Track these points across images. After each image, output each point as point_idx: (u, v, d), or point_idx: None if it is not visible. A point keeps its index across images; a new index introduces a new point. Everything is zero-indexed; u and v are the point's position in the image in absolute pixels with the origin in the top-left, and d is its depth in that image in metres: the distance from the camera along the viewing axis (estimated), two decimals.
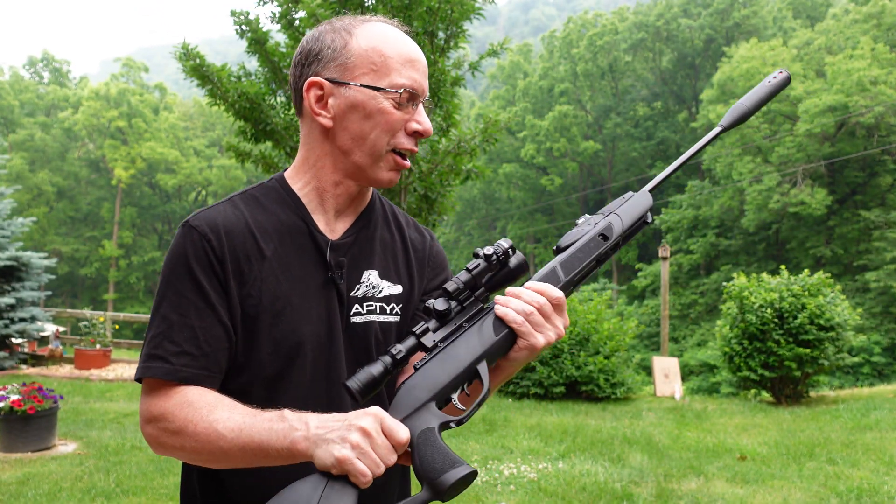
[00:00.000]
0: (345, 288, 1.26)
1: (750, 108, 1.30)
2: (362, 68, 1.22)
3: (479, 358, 1.11)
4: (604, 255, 1.20)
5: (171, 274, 1.19)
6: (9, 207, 11.85)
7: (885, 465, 5.61)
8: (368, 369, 1.06)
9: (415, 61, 1.23)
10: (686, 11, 44.48)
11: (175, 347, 1.15)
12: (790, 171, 31.82)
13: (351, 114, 1.23)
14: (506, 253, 1.14)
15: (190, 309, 1.16)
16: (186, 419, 1.10)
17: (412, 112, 1.23)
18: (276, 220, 1.25)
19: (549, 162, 46.10)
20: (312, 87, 1.24)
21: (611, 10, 55.56)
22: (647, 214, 1.25)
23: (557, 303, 1.14)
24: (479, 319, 1.14)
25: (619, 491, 4.93)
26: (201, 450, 1.10)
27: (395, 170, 1.25)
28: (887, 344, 26.11)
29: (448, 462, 1.01)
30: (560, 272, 1.17)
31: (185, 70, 8.61)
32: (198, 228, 1.19)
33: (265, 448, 1.05)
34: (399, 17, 8.41)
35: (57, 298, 43.84)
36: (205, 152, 49.59)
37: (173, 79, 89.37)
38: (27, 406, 5.88)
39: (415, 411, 1.06)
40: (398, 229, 1.39)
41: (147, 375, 1.15)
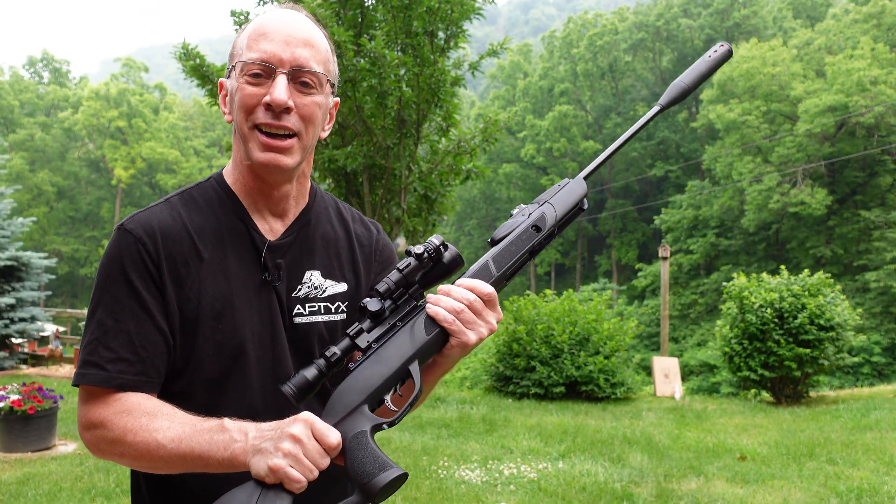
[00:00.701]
0: (284, 289, 1.24)
1: (689, 84, 1.27)
2: (234, 57, 1.21)
3: (410, 358, 1.10)
4: (537, 247, 1.18)
5: (107, 279, 1.15)
6: (9, 207, 11.86)
7: (885, 465, 5.61)
8: (303, 373, 1.06)
9: (269, 33, 1.17)
10: (686, 11, 44.49)
11: (111, 354, 1.12)
12: (790, 171, 31.83)
13: (231, 103, 1.22)
14: (437, 250, 1.12)
15: (125, 314, 1.13)
16: (125, 428, 1.09)
17: (270, 86, 1.15)
18: (215, 221, 1.23)
19: (549, 162, 46.11)
20: (221, 89, 1.26)
21: (611, 10, 55.57)
22: (582, 202, 1.23)
23: (488, 298, 1.12)
24: (412, 319, 1.13)
25: (619, 491, 4.93)
26: (141, 458, 1.09)
27: (266, 149, 1.16)
28: (887, 344, 26.12)
29: (378, 465, 1.02)
30: (492, 266, 1.16)
31: (185, 70, 8.62)
32: (132, 232, 1.16)
33: (205, 458, 1.04)
34: (399, 18, 8.41)
35: (57, 298, 43.85)
36: (205, 152, 49.60)
37: (173, 79, 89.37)
38: (27, 406, 5.88)
39: (347, 415, 1.06)
40: (342, 225, 1.36)
41: (83, 382, 1.13)
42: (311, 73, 1.18)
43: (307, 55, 1.17)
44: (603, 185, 46.98)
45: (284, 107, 1.14)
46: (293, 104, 1.16)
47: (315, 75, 1.18)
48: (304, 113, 1.18)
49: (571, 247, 48.25)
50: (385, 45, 7.89)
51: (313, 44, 1.20)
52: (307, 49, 1.18)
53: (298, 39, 1.17)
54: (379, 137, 8.70)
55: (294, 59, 1.16)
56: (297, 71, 1.16)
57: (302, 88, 1.18)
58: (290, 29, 1.18)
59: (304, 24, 1.21)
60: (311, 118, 1.19)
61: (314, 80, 1.19)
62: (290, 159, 1.18)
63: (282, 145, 1.17)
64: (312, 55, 1.19)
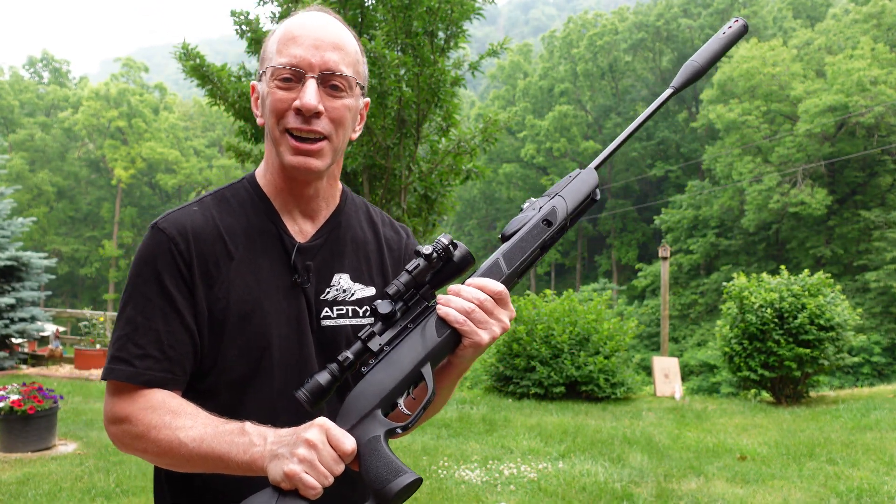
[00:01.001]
0: (312, 291, 1.24)
1: (703, 64, 1.24)
2: (265, 61, 1.22)
3: (422, 361, 1.09)
4: (549, 241, 1.16)
5: (138, 276, 1.17)
6: (9, 207, 11.86)
7: (885, 465, 5.61)
8: (316, 378, 1.06)
9: (298, 37, 1.17)
10: (686, 11, 44.50)
11: (138, 350, 1.14)
12: (790, 171, 31.83)
13: (262, 106, 1.23)
14: (446, 249, 1.10)
15: (155, 312, 1.15)
16: (149, 425, 1.10)
17: (300, 90, 1.16)
18: (246, 222, 1.24)
19: (549, 162, 46.12)
20: (253, 91, 1.27)
21: (611, 10, 55.57)
22: (594, 192, 1.20)
23: (499, 297, 1.11)
24: (423, 320, 1.11)
25: (619, 491, 4.93)
26: (163, 454, 1.10)
27: (296, 153, 1.18)
28: (887, 344, 26.12)
29: (392, 471, 1.01)
30: (503, 264, 1.14)
31: (185, 70, 8.61)
32: (165, 231, 1.18)
33: (225, 460, 1.05)
34: (399, 18, 8.41)
35: (57, 298, 43.85)
36: (205, 152, 49.61)
37: (173, 79, 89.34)
38: (27, 406, 5.88)
39: (361, 420, 1.06)
40: (372, 228, 1.37)
41: (111, 377, 1.16)
42: (341, 76, 1.18)
43: (336, 58, 1.18)
44: (603, 185, 46.84)
45: (315, 111, 1.16)
46: (323, 108, 1.17)
47: (345, 78, 1.19)
48: (333, 116, 1.19)
49: (571, 247, 48.24)
50: (385, 45, 7.88)
51: (342, 47, 1.20)
52: (336, 52, 1.18)
53: (327, 43, 1.18)
54: (379, 137, 8.70)
55: (323, 62, 1.17)
56: (326, 75, 1.17)
57: (332, 92, 1.19)
58: (319, 32, 1.18)
59: (333, 27, 1.22)
60: (341, 121, 1.20)
61: (344, 84, 1.19)
62: (320, 162, 1.20)
63: (312, 149, 1.18)
64: (342, 58, 1.19)
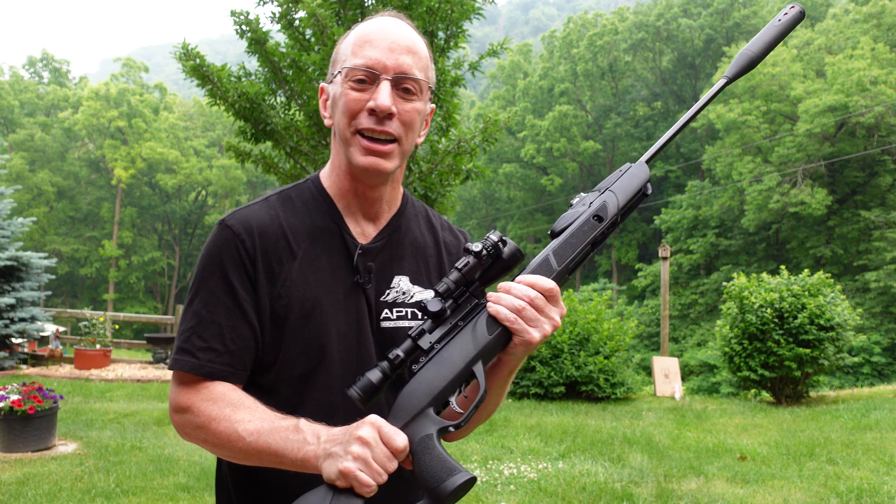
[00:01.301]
0: (373, 292, 1.26)
1: (758, 52, 1.20)
2: (338, 63, 1.25)
3: (473, 359, 1.08)
4: (600, 238, 1.15)
5: (205, 271, 1.22)
6: (9, 207, 11.85)
7: (885, 465, 5.61)
8: (367, 376, 1.06)
9: (374, 40, 1.20)
10: (686, 11, 44.49)
11: (202, 343, 1.18)
12: (790, 171, 31.82)
13: (333, 108, 1.25)
14: (495, 246, 1.10)
15: (219, 307, 1.19)
16: (210, 416, 1.14)
17: (374, 91, 1.19)
18: (309, 222, 1.26)
19: (549, 162, 46.11)
20: (322, 94, 1.30)
21: (611, 10, 55.57)
22: (646, 186, 1.18)
23: (550, 294, 1.10)
24: (474, 318, 1.11)
25: (619, 491, 4.93)
26: (221, 446, 1.14)
27: (367, 153, 1.20)
28: (887, 344, 26.11)
29: (447, 469, 1.01)
30: (553, 260, 1.13)
31: (185, 70, 8.61)
32: (233, 228, 1.21)
33: (279, 455, 1.08)
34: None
35: (57, 298, 43.85)
36: (205, 152, 49.59)
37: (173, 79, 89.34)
38: (27, 406, 5.88)
39: (413, 418, 1.05)
40: (431, 232, 1.39)
41: (175, 368, 1.20)
42: (414, 79, 1.21)
43: (410, 62, 1.21)
44: None
45: (388, 112, 1.18)
46: (396, 110, 1.19)
47: (417, 82, 1.22)
48: (404, 119, 1.21)
49: None
50: None
51: (415, 51, 1.23)
52: (410, 56, 1.21)
53: (402, 46, 1.21)
54: None
55: (398, 65, 1.19)
56: (400, 77, 1.20)
57: (404, 94, 1.21)
58: (393, 36, 1.21)
59: (406, 31, 1.24)
60: (412, 124, 1.23)
61: (415, 87, 1.22)
62: (389, 164, 1.22)
63: (383, 150, 1.20)
64: (415, 62, 1.22)
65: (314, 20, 8.10)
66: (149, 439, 6.51)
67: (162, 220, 50.56)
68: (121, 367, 11.47)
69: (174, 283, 48.39)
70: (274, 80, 9.09)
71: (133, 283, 45.52)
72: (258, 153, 9.51)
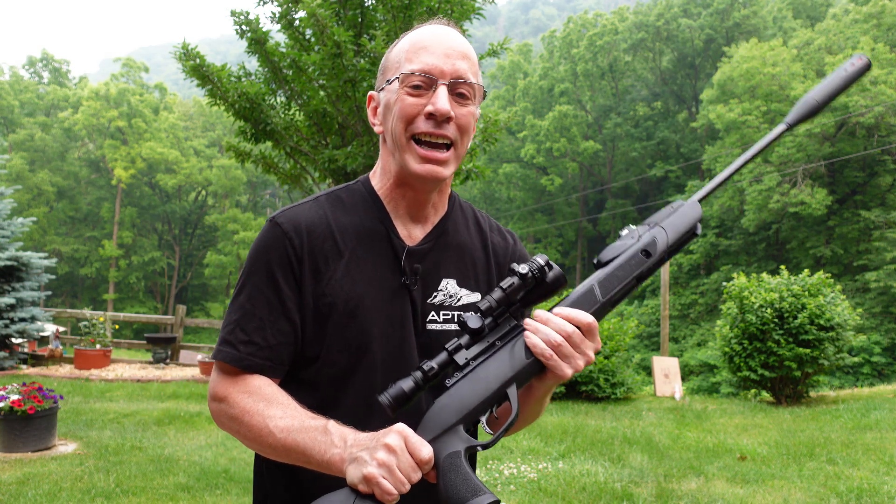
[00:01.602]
0: (420, 295, 1.27)
1: (821, 100, 1.19)
2: (390, 70, 1.27)
3: (508, 381, 1.09)
4: (646, 273, 1.14)
5: (252, 266, 1.24)
6: (9, 207, 11.85)
7: (885, 465, 5.61)
8: (400, 384, 1.07)
9: (429, 46, 1.22)
10: (686, 11, 44.48)
11: (244, 336, 1.21)
12: (790, 171, 31.83)
13: (384, 114, 1.27)
14: (541, 269, 1.11)
15: (263, 302, 1.21)
16: (244, 409, 1.17)
17: (431, 96, 1.21)
18: (357, 223, 1.28)
19: (549, 162, 46.10)
20: (371, 101, 1.32)
21: (611, 10, 55.56)
22: (696, 226, 1.17)
23: (588, 329, 1.10)
24: (512, 339, 1.11)
25: (619, 491, 4.93)
26: (252, 439, 1.17)
27: (423, 160, 1.21)
28: (887, 344, 26.11)
29: (471, 489, 1.01)
30: (598, 291, 1.13)
31: (185, 70, 8.61)
32: (282, 226, 1.24)
33: (306, 455, 1.11)
34: (399, 18, 8.41)
35: (57, 298, 43.85)
36: (205, 152, 49.59)
37: (173, 79, 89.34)
38: (27, 406, 5.88)
39: (442, 433, 1.06)
40: (479, 234, 1.39)
41: (217, 359, 1.23)
42: (469, 84, 1.23)
43: (465, 67, 1.23)
44: (603, 186, 46.96)
45: (447, 115, 1.19)
46: (453, 114, 1.21)
47: (472, 86, 1.24)
48: (461, 123, 1.23)
49: (571, 247, 48.23)
50: (385, 45, 7.88)
51: (469, 56, 1.25)
52: (465, 61, 1.23)
53: (457, 52, 1.23)
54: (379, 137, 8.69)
55: (454, 70, 1.21)
56: (456, 82, 1.22)
57: (459, 99, 1.23)
58: (449, 42, 1.24)
59: (459, 38, 1.27)
60: (467, 128, 1.25)
61: (470, 92, 1.24)
62: (446, 170, 1.24)
63: (440, 157, 1.22)
64: (469, 67, 1.24)
65: (314, 20, 8.10)
66: (149, 439, 6.51)
67: (162, 220, 50.57)
68: (121, 367, 11.47)
69: (174, 283, 48.39)
70: (274, 80, 9.09)
71: (133, 283, 45.52)
72: (258, 153, 9.51)
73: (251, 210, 50.73)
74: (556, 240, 47.28)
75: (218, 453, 6.04)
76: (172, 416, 7.57)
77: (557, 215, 47.74)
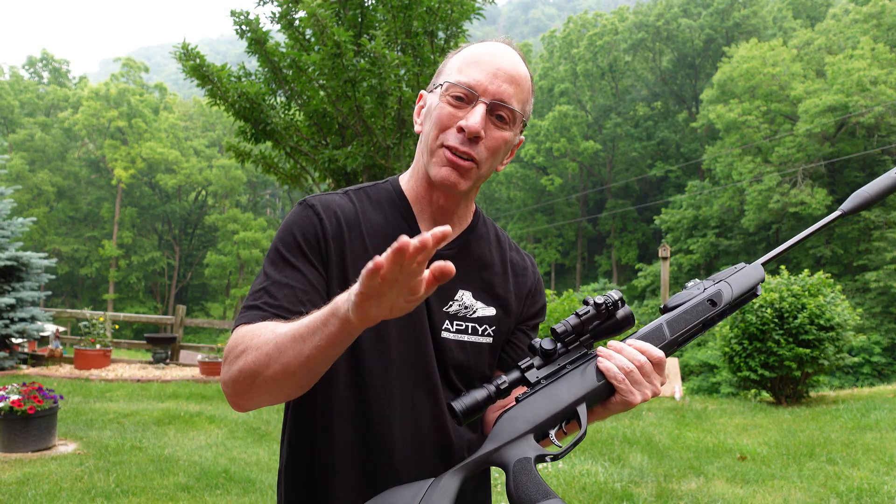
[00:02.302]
0: (435, 300, 1.28)
1: (873, 196, 1.31)
2: (442, 75, 1.27)
3: (579, 399, 1.14)
4: (710, 320, 1.22)
5: (281, 240, 1.24)
6: (9, 207, 11.85)
7: (885, 465, 5.61)
8: (473, 394, 1.10)
9: (481, 62, 1.22)
10: (686, 11, 44.50)
11: (273, 301, 1.17)
12: (790, 171, 31.84)
13: (426, 116, 1.28)
14: (615, 304, 1.15)
15: (293, 274, 1.20)
16: (252, 334, 1.09)
17: (468, 110, 1.21)
18: (383, 219, 1.29)
19: (549, 162, 46.12)
20: (420, 99, 1.32)
21: (611, 10, 55.58)
22: (756, 287, 1.26)
23: (658, 362, 1.15)
24: (583, 364, 1.17)
25: (619, 491, 4.93)
26: (261, 358, 1.05)
27: (446, 165, 1.22)
28: (887, 344, 26.12)
29: (541, 492, 1.05)
30: (666, 330, 1.20)
31: (185, 70, 8.61)
32: (313, 207, 1.25)
33: (313, 324, 0.98)
34: (399, 18, 8.41)
35: (57, 298, 43.85)
36: (205, 152, 49.60)
37: (173, 79, 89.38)
38: (27, 406, 5.88)
39: (514, 440, 1.11)
40: (499, 251, 1.40)
41: (241, 322, 1.15)
42: (509, 109, 1.22)
43: (511, 91, 1.21)
44: (603, 186, 46.97)
45: (476, 134, 1.19)
46: (484, 134, 1.20)
47: (512, 112, 1.23)
48: (490, 145, 1.22)
49: (571, 247, 48.24)
50: (385, 45, 7.88)
51: (519, 82, 1.23)
52: (512, 86, 1.22)
53: (506, 74, 1.21)
54: (379, 137, 8.69)
55: (497, 91, 1.20)
56: (496, 104, 1.21)
57: (496, 122, 1.22)
58: (501, 62, 1.22)
59: (514, 60, 1.25)
60: (496, 151, 1.24)
61: (509, 116, 1.23)
62: (464, 182, 1.23)
63: (462, 164, 1.21)
64: (515, 93, 1.22)
65: (314, 20, 8.10)
66: (149, 439, 6.51)
67: (162, 220, 50.57)
68: (121, 367, 11.47)
69: (174, 283, 48.40)
70: (274, 80, 9.09)
71: (133, 283, 45.53)
72: (258, 153, 9.51)
73: (251, 210, 50.75)
74: (556, 240, 47.30)
75: (218, 453, 6.04)
76: (172, 416, 7.57)
77: (557, 215, 47.75)
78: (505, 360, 1.37)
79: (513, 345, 1.38)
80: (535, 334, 1.44)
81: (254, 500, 4.73)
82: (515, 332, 1.38)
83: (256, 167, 9.59)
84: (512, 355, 1.37)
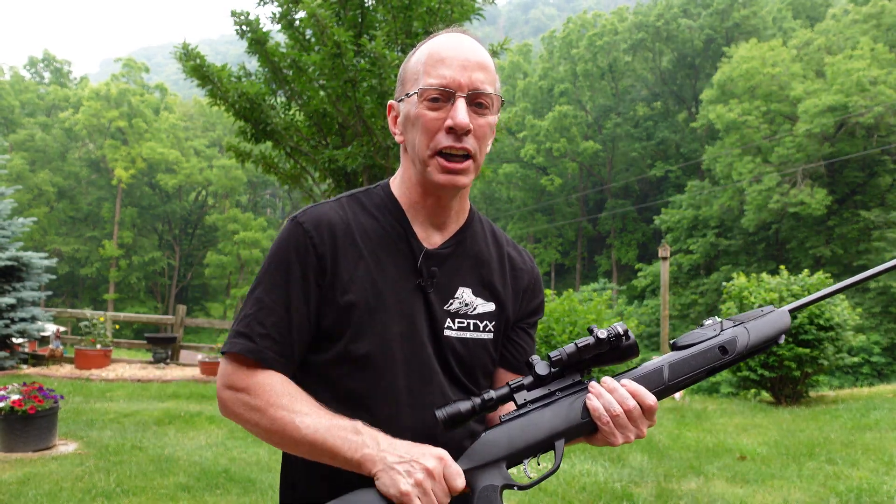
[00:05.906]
0: (436, 299, 1.29)
1: None
2: (409, 81, 1.28)
3: (559, 434, 1.13)
4: (717, 368, 1.17)
5: (272, 262, 1.25)
6: (9, 207, 11.86)
7: (885, 465, 5.62)
8: (457, 405, 1.11)
9: (446, 59, 1.23)
10: (686, 11, 44.49)
11: (261, 329, 1.21)
12: (790, 171, 31.83)
13: (405, 125, 1.29)
14: (618, 337, 1.13)
15: (280, 298, 1.22)
16: (269, 401, 1.17)
17: (450, 109, 1.22)
18: (377, 224, 1.30)
19: (549, 162, 46.11)
20: (391, 111, 1.33)
21: (611, 10, 55.57)
22: (780, 336, 1.19)
23: (648, 409, 1.14)
24: (572, 394, 1.15)
25: (619, 491, 4.94)
26: (274, 433, 1.17)
27: (445, 172, 1.24)
28: (887, 344, 26.12)
29: None
30: (666, 372, 1.16)
31: (186, 70, 8.62)
32: (304, 225, 1.26)
33: (335, 454, 1.12)
34: (399, 18, 8.41)
35: (57, 298, 43.84)
36: (205, 152, 49.59)
37: (173, 79, 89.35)
38: (28, 406, 5.88)
39: (486, 465, 1.11)
40: (496, 246, 1.41)
41: (233, 350, 1.22)
42: (486, 94, 1.24)
43: (482, 78, 1.24)
44: (603, 186, 46.97)
45: (466, 129, 1.21)
46: (471, 126, 1.23)
47: (489, 97, 1.25)
48: (478, 134, 1.25)
49: (571, 247, 48.24)
50: (385, 46, 7.89)
51: (486, 66, 1.26)
52: (482, 72, 1.24)
53: (474, 63, 1.24)
54: (379, 137, 8.70)
55: (471, 83, 1.22)
56: (474, 94, 1.23)
57: (477, 110, 1.24)
58: (465, 53, 1.24)
59: (476, 47, 1.27)
60: (484, 137, 1.27)
61: (488, 101, 1.25)
62: (466, 179, 1.26)
63: (460, 167, 1.24)
64: (486, 78, 1.25)
65: (314, 20, 8.11)
66: (149, 439, 6.52)
67: (162, 220, 50.57)
68: (121, 367, 11.47)
69: (174, 283, 48.40)
70: (274, 80, 9.10)
71: (133, 283, 45.53)
72: (258, 153, 9.52)
73: (251, 210, 50.75)
74: (555, 240, 47.30)
75: (218, 453, 6.04)
76: (173, 416, 7.57)
77: (557, 215, 47.75)
78: (506, 356, 1.38)
79: (514, 342, 1.38)
80: (535, 331, 1.44)
81: (254, 500, 4.73)
82: (515, 329, 1.39)
83: (256, 167, 9.60)
84: (513, 352, 1.38)
